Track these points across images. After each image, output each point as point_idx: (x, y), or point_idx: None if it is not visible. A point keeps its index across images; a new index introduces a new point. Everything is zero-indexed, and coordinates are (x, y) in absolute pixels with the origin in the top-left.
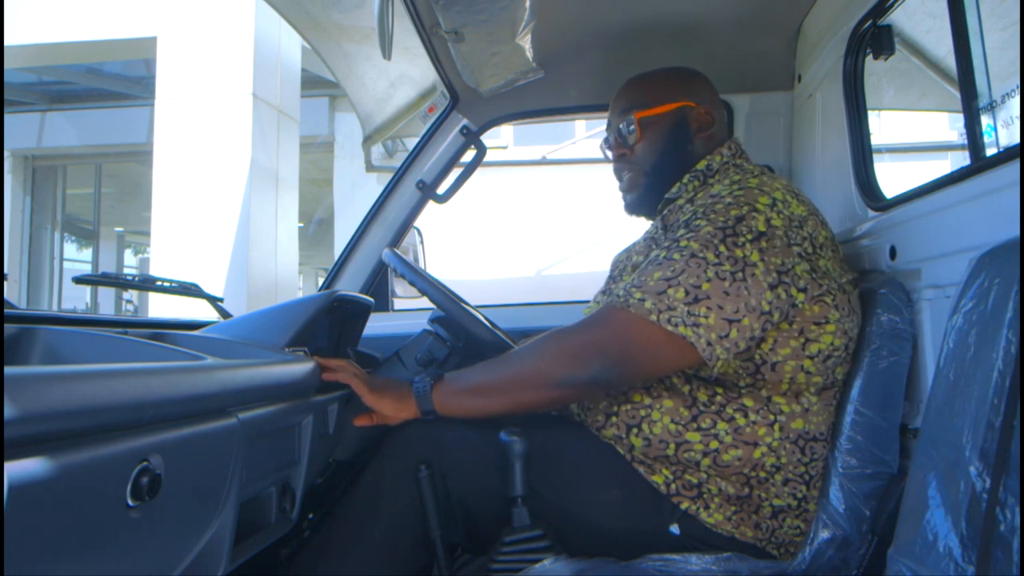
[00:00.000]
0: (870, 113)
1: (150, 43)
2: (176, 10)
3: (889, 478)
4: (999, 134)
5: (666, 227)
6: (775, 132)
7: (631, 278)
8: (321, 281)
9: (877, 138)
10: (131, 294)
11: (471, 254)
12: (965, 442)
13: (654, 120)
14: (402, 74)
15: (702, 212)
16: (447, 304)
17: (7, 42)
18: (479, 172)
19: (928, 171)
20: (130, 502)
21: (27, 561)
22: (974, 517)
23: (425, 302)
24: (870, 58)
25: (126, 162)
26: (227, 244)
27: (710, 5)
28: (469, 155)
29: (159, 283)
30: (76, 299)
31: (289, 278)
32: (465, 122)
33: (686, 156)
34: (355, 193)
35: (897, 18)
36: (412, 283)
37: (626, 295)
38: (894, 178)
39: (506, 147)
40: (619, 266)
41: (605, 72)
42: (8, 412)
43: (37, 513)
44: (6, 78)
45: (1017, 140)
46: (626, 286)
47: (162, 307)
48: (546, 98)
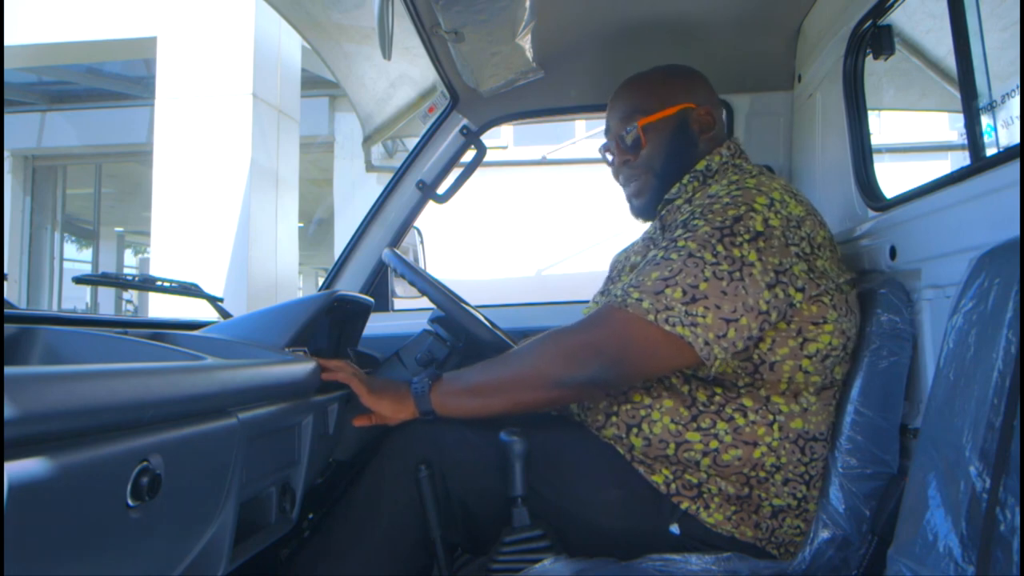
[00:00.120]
0: (870, 113)
1: (150, 43)
2: (176, 10)
3: (889, 478)
4: (999, 134)
5: (664, 227)
6: (775, 132)
7: (629, 278)
8: (321, 281)
9: (877, 138)
10: (131, 294)
11: (471, 254)
12: (965, 442)
13: (657, 125)
14: (402, 74)
15: (700, 212)
16: (447, 304)
17: (7, 42)
18: (479, 172)
19: (928, 171)
20: (130, 502)
21: (27, 561)
22: (974, 517)
23: (425, 302)
24: (870, 58)
25: (126, 162)
26: (227, 244)
27: (710, 5)
28: (469, 155)
29: (159, 283)
30: (76, 299)
31: (289, 278)
32: (465, 122)
33: (690, 158)
34: (355, 193)
35: (897, 18)
36: (412, 283)
37: (624, 295)
38: (894, 178)
39: (506, 147)
40: (617, 266)
41: (605, 72)
42: (8, 412)
43: (37, 513)
44: (6, 78)
45: (1017, 140)
46: (624, 286)
47: (162, 307)
48: (546, 98)
